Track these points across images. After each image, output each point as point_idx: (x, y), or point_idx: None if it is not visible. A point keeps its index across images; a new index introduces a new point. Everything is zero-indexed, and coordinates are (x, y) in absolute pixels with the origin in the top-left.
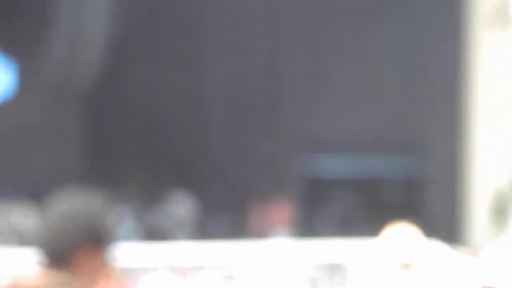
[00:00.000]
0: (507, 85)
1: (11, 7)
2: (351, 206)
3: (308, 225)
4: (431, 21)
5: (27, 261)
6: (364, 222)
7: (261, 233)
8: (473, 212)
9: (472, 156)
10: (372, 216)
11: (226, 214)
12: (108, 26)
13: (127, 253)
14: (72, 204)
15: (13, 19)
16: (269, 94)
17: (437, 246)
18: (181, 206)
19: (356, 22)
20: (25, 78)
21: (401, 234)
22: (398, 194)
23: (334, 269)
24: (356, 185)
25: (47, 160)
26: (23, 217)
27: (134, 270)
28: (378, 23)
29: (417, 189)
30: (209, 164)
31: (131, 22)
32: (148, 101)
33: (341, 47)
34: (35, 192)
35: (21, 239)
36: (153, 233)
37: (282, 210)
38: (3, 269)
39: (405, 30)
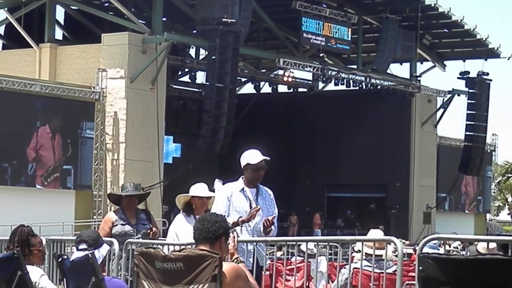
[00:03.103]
0: (430, 157)
1: (177, 114)
2: (353, 215)
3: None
4: (392, 123)
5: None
6: (360, 224)
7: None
8: (413, 220)
9: (412, 191)
10: (363, 221)
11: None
12: (231, 118)
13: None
14: (213, 215)
15: (178, 120)
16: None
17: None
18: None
19: (353, 124)
20: (186, 148)
21: (376, 231)
22: (377, 210)
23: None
24: (357, 203)
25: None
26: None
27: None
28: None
29: (386, 209)
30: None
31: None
32: None
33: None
34: None
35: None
36: None
37: (318, 219)
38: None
39: (378, 127)
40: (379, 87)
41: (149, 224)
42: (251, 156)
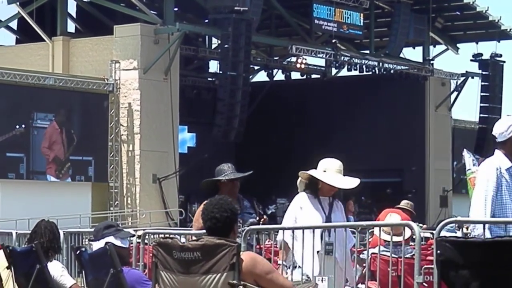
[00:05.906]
0: (445, 140)
1: (191, 103)
2: (370, 201)
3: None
4: (406, 107)
5: None
6: (377, 209)
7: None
8: (430, 204)
9: (428, 175)
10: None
11: None
12: (245, 106)
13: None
14: (224, 199)
15: (192, 109)
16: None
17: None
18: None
19: (367, 109)
20: (201, 137)
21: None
22: (393, 195)
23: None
24: (373, 188)
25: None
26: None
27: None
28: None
29: (403, 193)
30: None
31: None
32: (262, 147)
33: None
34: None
35: None
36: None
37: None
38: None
39: (392, 111)
40: (392, 71)
41: (255, 213)
42: None
